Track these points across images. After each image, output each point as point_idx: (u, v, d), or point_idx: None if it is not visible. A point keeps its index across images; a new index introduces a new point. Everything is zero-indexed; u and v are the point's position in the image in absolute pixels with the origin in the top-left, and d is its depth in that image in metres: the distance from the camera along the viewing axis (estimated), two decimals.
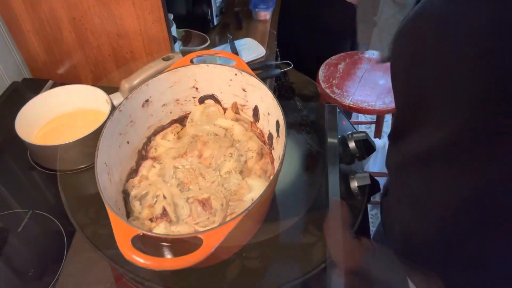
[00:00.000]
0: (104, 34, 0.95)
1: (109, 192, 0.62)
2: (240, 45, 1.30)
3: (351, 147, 0.87)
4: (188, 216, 0.66)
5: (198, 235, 0.49)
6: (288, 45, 1.81)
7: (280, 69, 1.15)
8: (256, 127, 0.81)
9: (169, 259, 0.53)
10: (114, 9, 0.90)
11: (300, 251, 0.69)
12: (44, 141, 0.84)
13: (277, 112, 0.68)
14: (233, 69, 0.76)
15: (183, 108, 0.83)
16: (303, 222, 0.73)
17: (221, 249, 0.50)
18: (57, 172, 0.82)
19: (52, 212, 0.74)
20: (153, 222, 0.66)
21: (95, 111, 0.90)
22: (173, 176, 0.72)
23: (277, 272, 0.66)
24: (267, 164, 0.75)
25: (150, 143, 0.79)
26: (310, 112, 0.98)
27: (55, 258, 0.67)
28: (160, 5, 0.88)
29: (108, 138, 0.66)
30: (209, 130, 0.79)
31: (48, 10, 0.93)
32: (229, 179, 0.71)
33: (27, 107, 0.84)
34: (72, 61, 1.03)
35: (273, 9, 1.48)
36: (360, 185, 0.78)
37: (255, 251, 0.68)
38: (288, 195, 0.78)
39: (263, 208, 0.67)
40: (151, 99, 0.76)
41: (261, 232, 0.69)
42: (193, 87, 0.80)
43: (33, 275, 0.65)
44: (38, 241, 0.71)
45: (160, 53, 0.97)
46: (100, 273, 0.65)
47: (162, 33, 0.93)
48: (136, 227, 0.51)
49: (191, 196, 0.68)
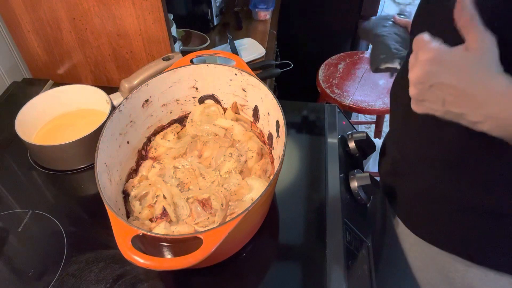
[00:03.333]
0: (104, 34, 0.95)
1: (109, 192, 0.62)
2: (240, 45, 1.30)
3: (351, 147, 0.87)
4: (188, 216, 0.66)
5: (198, 235, 0.49)
6: (288, 45, 1.81)
7: (280, 69, 1.15)
8: (256, 127, 0.81)
9: (169, 259, 0.53)
10: (114, 9, 0.90)
11: (300, 251, 0.69)
12: (44, 141, 0.84)
13: (277, 112, 0.68)
14: (233, 69, 0.76)
15: (183, 108, 0.83)
16: (303, 222, 0.73)
17: (221, 249, 0.50)
18: (57, 172, 0.82)
19: (52, 212, 0.74)
20: (153, 222, 0.66)
21: (95, 111, 0.90)
22: (173, 176, 0.72)
23: (277, 272, 0.66)
24: (267, 164, 0.75)
25: (150, 143, 0.79)
26: (310, 112, 0.98)
27: (55, 258, 0.67)
28: (160, 5, 0.88)
29: (108, 138, 0.66)
30: (209, 130, 0.79)
31: (48, 10, 0.93)
32: (229, 179, 0.71)
33: (27, 107, 0.84)
34: (72, 61, 1.03)
35: (273, 9, 1.48)
36: (360, 185, 0.78)
37: (255, 251, 0.69)
38: (288, 195, 0.78)
39: (263, 208, 0.67)
40: (151, 99, 0.76)
41: (261, 232, 0.69)
42: (193, 87, 0.81)
43: (33, 275, 0.65)
44: (38, 241, 0.71)
45: (160, 53, 0.97)
46: (100, 273, 0.65)
47: (162, 33, 0.93)
48: (136, 227, 0.51)
49: (191, 196, 0.68)
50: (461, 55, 0.43)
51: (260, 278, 0.66)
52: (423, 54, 0.45)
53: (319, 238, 0.70)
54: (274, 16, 1.52)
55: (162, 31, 0.92)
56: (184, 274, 0.65)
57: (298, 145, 0.88)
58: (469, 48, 0.43)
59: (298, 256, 0.68)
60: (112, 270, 0.65)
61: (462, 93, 0.44)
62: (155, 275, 0.65)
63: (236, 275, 0.66)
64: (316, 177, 0.80)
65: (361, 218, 0.80)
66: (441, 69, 0.44)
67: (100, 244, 0.69)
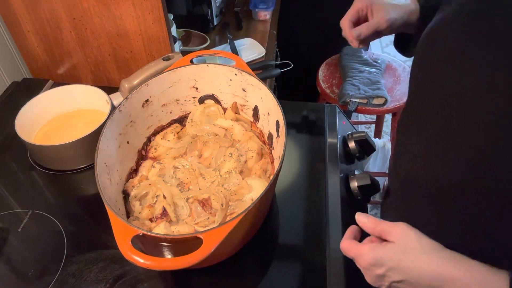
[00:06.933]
0: (104, 34, 0.95)
1: (109, 192, 0.62)
2: (240, 45, 1.30)
3: (351, 147, 0.87)
4: (188, 216, 0.66)
5: (198, 235, 0.49)
6: (288, 45, 1.81)
7: (280, 69, 1.15)
8: (256, 127, 0.81)
9: (169, 259, 0.53)
10: (114, 9, 0.90)
11: (300, 251, 0.69)
12: (44, 141, 0.84)
13: (277, 112, 0.68)
14: (233, 69, 0.76)
15: (183, 108, 0.83)
16: (303, 222, 0.73)
17: (221, 249, 0.50)
18: (57, 172, 0.82)
19: (52, 212, 0.74)
20: (153, 222, 0.66)
21: (95, 111, 0.90)
22: (173, 176, 0.72)
23: (277, 272, 0.66)
24: (267, 164, 0.75)
25: (150, 143, 0.79)
26: (310, 112, 0.98)
27: (55, 258, 0.67)
28: (160, 5, 0.88)
29: (108, 138, 0.66)
30: (209, 130, 0.79)
31: (48, 10, 0.93)
32: (229, 179, 0.71)
33: (27, 107, 0.84)
34: (72, 61, 1.03)
35: (273, 9, 1.48)
36: (360, 185, 0.78)
37: (255, 251, 0.69)
38: (288, 195, 0.78)
39: (263, 208, 0.68)
40: (151, 99, 0.76)
41: (261, 232, 0.69)
42: (193, 87, 0.81)
43: (33, 275, 0.65)
44: (38, 241, 0.71)
45: (160, 53, 0.97)
46: (100, 273, 0.65)
47: (162, 33, 0.93)
48: (136, 227, 0.51)
49: (191, 196, 0.68)
50: (391, 247, 0.47)
51: (260, 278, 0.66)
52: (361, 262, 0.49)
53: (319, 238, 0.70)
54: (274, 16, 1.52)
55: (162, 31, 0.92)
56: (184, 274, 0.65)
57: (298, 145, 0.88)
58: (392, 241, 0.48)
59: (298, 256, 0.68)
60: (112, 270, 0.65)
61: (417, 284, 0.46)
62: (155, 275, 0.65)
63: (236, 275, 0.66)
64: (316, 177, 0.80)
65: None
66: (385, 269, 0.47)
67: (100, 244, 0.69)
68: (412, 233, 0.47)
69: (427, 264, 0.45)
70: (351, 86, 1.52)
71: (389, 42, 3.02)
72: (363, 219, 0.51)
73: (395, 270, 0.46)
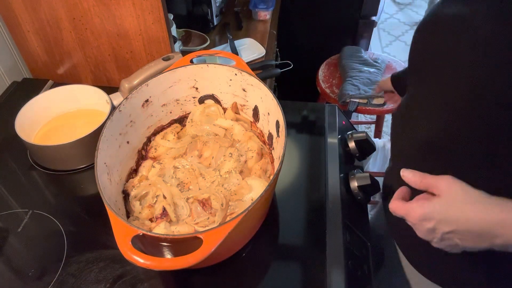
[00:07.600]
0: (104, 34, 0.95)
1: (109, 192, 0.62)
2: (240, 45, 1.30)
3: (351, 147, 0.87)
4: (188, 216, 0.66)
5: (198, 235, 0.49)
6: (288, 45, 1.81)
7: (280, 69, 1.15)
8: (256, 127, 0.81)
9: (169, 259, 0.53)
10: (114, 9, 0.90)
11: (300, 251, 0.69)
12: (44, 141, 0.84)
13: (277, 112, 0.68)
14: (233, 69, 0.76)
15: (183, 108, 0.83)
16: (303, 222, 0.73)
17: (221, 249, 0.50)
18: (57, 172, 0.82)
19: (52, 212, 0.74)
20: (153, 222, 0.66)
21: (95, 111, 0.90)
22: (173, 176, 0.72)
23: (277, 272, 0.66)
24: (267, 164, 0.75)
25: (150, 143, 0.79)
26: (310, 112, 0.98)
27: (55, 258, 0.67)
28: (160, 5, 0.88)
29: (108, 138, 0.66)
30: (209, 130, 0.79)
31: (48, 10, 0.93)
32: (229, 179, 0.71)
33: (27, 107, 0.84)
34: (72, 61, 1.03)
35: (273, 9, 1.48)
36: (360, 185, 0.78)
37: (255, 251, 0.69)
38: (288, 195, 0.78)
39: (263, 208, 0.68)
40: (151, 99, 0.76)
41: (261, 232, 0.69)
42: (193, 87, 0.81)
43: (33, 275, 0.65)
44: (38, 241, 0.71)
45: (160, 53, 0.97)
46: (100, 273, 0.65)
47: (162, 33, 0.93)
48: (136, 227, 0.51)
49: (191, 196, 0.68)
50: (438, 201, 0.49)
51: (260, 278, 0.66)
52: (411, 218, 0.51)
53: (319, 238, 0.69)
54: (274, 16, 1.52)
55: (162, 31, 0.92)
56: (184, 274, 0.65)
57: (298, 145, 0.88)
58: (439, 195, 0.49)
59: (298, 256, 0.68)
60: (112, 270, 0.65)
61: (467, 233, 0.48)
62: (155, 275, 0.65)
63: (236, 275, 0.66)
64: (316, 177, 0.80)
65: (361, 218, 0.80)
66: (434, 222, 0.49)
67: (100, 244, 0.69)
68: (457, 184, 0.49)
69: (474, 212, 0.47)
70: (351, 86, 1.52)
71: (389, 42, 3.02)
72: (409, 174, 0.53)
73: (444, 222, 0.48)
